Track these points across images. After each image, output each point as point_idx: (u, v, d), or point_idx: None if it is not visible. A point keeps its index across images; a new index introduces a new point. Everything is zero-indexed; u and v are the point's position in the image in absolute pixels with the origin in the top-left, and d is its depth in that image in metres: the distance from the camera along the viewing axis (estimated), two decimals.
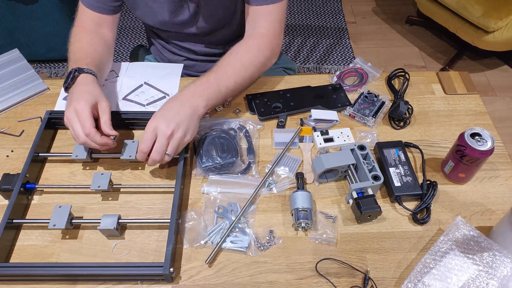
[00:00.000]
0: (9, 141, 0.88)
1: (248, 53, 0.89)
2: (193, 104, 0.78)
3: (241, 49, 0.89)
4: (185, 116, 0.76)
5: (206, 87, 0.82)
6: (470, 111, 0.94)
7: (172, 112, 0.76)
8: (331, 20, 2.57)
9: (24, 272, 0.66)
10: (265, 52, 0.91)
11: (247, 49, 0.90)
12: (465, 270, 0.66)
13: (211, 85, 0.82)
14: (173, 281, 0.68)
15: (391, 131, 0.90)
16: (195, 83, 0.82)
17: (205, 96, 0.80)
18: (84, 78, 0.81)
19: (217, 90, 0.83)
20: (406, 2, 2.69)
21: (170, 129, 0.74)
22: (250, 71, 0.89)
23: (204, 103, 0.80)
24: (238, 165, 0.80)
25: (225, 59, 0.88)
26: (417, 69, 2.29)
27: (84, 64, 0.84)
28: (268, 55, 0.91)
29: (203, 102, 0.79)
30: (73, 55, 0.88)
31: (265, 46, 0.91)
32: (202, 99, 0.80)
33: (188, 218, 0.75)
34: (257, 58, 0.89)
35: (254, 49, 0.90)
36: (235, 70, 0.86)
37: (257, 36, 0.91)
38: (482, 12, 1.93)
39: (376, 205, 0.72)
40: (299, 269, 0.70)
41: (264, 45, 0.90)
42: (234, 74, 0.86)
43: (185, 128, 0.75)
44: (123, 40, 2.41)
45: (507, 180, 0.82)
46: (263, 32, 0.91)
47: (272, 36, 0.91)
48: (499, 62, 2.32)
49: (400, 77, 1.00)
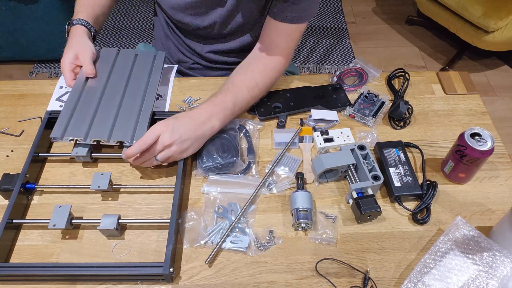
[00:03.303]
0: (9, 141, 0.88)
1: (264, 74, 0.89)
2: (207, 127, 0.80)
3: (257, 68, 0.89)
4: (192, 137, 0.77)
5: (223, 108, 0.82)
6: (470, 111, 0.94)
7: (182, 128, 0.77)
8: (331, 20, 2.57)
9: (24, 272, 0.66)
10: (278, 72, 0.92)
11: (264, 69, 0.89)
12: (465, 270, 0.66)
13: (227, 106, 0.83)
14: (173, 281, 0.68)
15: (391, 131, 0.90)
16: (213, 103, 0.82)
17: (221, 118, 0.82)
18: (72, 30, 0.90)
19: (232, 110, 0.84)
20: (406, 2, 2.69)
21: (171, 140, 0.75)
22: (263, 91, 0.90)
23: (219, 124, 0.81)
24: (239, 165, 0.80)
25: (239, 76, 0.87)
26: (417, 69, 2.29)
27: (78, 13, 0.93)
28: (282, 72, 0.93)
29: (218, 123, 0.81)
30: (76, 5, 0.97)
31: (281, 66, 0.92)
32: (218, 121, 0.81)
33: (188, 218, 0.75)
34: (270, 80, 0.90)
35: (269, 69, 0.90)
36: (249, 90, 0.86)
37: (274, 55, 0.90)
38: (482, 12, 1.93)
39: (376, 205, 0.72)
40: (299, 269, 0.70)
41: (280, 65, 0.91)
42: (248, 95, 0.86)
43: (185, 147, 0.77)
44: (123, 40, 2.41)
45: (507, 180, 0.82)
46: (280, 51, 0.91)
47: (288, 56, 0.92)
48: (499, 62, 2.32)
49: (400, 77, 1.00)
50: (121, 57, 0.94)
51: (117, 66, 0.92)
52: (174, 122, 0.77)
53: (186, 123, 0.78)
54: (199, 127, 0.78)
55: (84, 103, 0.84)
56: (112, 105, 0.84)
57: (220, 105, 0.82)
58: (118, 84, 0.88)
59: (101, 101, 0.85)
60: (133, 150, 0.75)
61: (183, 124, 0.77)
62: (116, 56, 0.94)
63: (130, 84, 0.89)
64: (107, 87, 0.87)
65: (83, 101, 0.84)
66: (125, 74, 0.90)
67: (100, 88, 0.87)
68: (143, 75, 0.91)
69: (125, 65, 0.92)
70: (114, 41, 2.39)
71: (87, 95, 0.85)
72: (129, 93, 0.87)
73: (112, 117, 0.82)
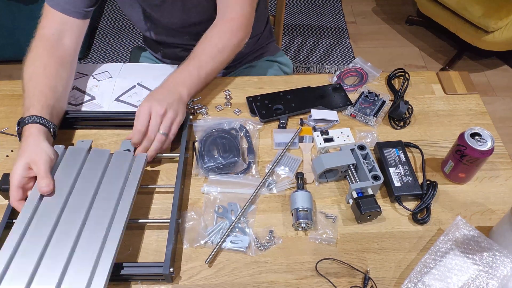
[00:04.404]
0: (9, 141, 0.88)
1: (222, 37, 0.91)
2: (178, 92, 0.83)
3: (214, 34, 0.91)
4: (174, 99, 0.82)
5: (188, 75, 0.86)
6: (470, 111, 0.94)
7: (162, 96, 0.81)
8: (331, 20, 2.57)
9: None
10: (238, 34, 0.93)
11: (220, 33, 0.91)
12: (465, 270, 0.66)
13: (191, 73, 0.86)
14: (173, 281, 0.68)
15: (391, 131, 0.90)
16: (176, 72, 0.87)
17: (187, 85, 0.85)
18: (25, 132, 0.74)
19: (198, 77, 0.87)
20: (406, 2, 2.69)
21: (163, 108, 0.78)
22: (226, 55, 0.91)
23: (187, 91, 0.85)
24: (240, 165, 0.80)
25: (200, 46, 0.90)
26: (417, 69, 2.29)
27: (30, 107, 0.76)
28: (242, 36, 0.94)
29: (186, 90, 0.85)
30: (26, 85, 0.81)
31: (238, 28, 0.92)
32: (185, 88, 0.85)
33: (188, 218, 0.75)
34: (231, 41, 0.92)
35: (227, 33, 0.91)
36: (211, 55, 0.89)
37: (229, 20, 0.92)
38: (482, 12, 1.93)
39: (376, 205, 0.72)
40: (299, 269, 0.70)
41: (237, 27, 0.92)
42: (211, 60, 0.89)
43: (176, 109, 0.81)
44: (123, 40, 2.41)
45: (507, 180, 0.82)
46: (234, 16, 0.92)
47: (243, 18, 0.93)
48: (499, 62, 2.32)
49: (400, 77, 1.00)
50: (90, 161, 0.75)
51: (83, 175, 0.73)
52: (154, 96, 0.81)
53: (161, 92, 0.82)
54: (173, 92, 0.83)
55: (32, 238, 0.64)
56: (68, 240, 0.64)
57: (183, 73, 0.86)
58: (80, 203, 0.69)
59: (54, 233, 0.65)
60: (135, 136, 0.78)
61: (161, 93, 0.82)
62: (85, 158, 0.75)
63: (97, 201, 0.69)
64: (66, 209, 0.68)
65: (31, 235, 0.65)
66: (93, 185, 0.71)
67: (56, 210, 0.67)
68: (115, 186, 0.72)
69: (95, 172, 0.73)
70: (114, 41, 2.39)
71: (36, 226, 0.66)
72: (93, 219, 0.67)
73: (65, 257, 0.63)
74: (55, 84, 0.82)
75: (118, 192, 0.71)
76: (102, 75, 1.00)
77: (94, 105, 0.93)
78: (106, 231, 0.66)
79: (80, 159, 0.75)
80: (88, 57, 2.29)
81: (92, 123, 0.89)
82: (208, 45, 0.90)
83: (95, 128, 0.89)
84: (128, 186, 0.72)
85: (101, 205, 0.69)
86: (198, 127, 0.87)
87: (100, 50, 2.34)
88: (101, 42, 2.38)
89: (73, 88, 0.96)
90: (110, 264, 0.63)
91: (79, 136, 0.88)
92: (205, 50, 0.89)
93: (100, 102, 0.94)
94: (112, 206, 0.69)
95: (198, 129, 0.87)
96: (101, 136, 0.87)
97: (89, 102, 0.94)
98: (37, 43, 0.88)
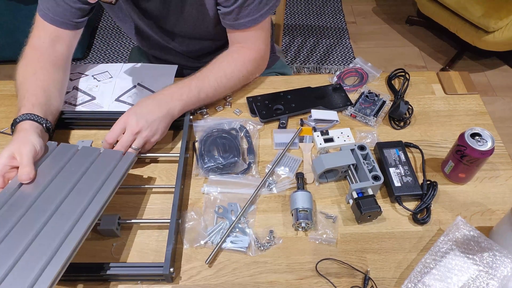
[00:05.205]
0: (9, 141, 0.87)
1: (232, 65, 0.89)
2: (170, 106, 0.81)
3: (225, 59, 0.90)
4: (158, 116, 0.79)
5: (187, 91, 0.84)
6: (470, 111, 0.94)
7: (145, 110, 0.79)
8: (331, 20, 2.57)
9: None
10: (249, 67, 0.91)
11: (231, 60, 0.90)
12: (465, 270, 0.66)
13: (191, 90, 0.84)
14: (173, 281, 0.68)
15: (391, 131, 0.90)
16: (176, 86, 0.84)
17: (183, 100, 0.83)
18: (17, 127, 0.75)
19: (197, 96, 0.85)
20: (406, 2, 2.69)
21: (139, 126, 0.77)
22: (232, 83, 0.90)
23: (180, 107, 0.82)
24: (240, 165, 0.80)
25: (208, 67, 0.88)
26: (417, 69, 2.29)
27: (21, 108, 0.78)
28: (252, 70, 0.93)
29: (179, 106, 0.82)
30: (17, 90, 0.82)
31: (250, 61, 0.91)
32: (179, 103, 0.82)
33: (188, 218, 0.75)
34: (240, 72, 0.90)
35: (238, 62, 0.90)
36: (216, 79, 0.87)
37: (243, 50, 0.91)
38: (482, 12, 1.93)
39: (376, 205, 0.72)
40: (299, 269, 0.70)
41: (250, 59, 0.91)
42: (215, 83, 0.87)
43: (154, 129, 0.79)
44: (123, 40, 2.41)
45: (507, 180, 0.82)
46: (251, 47, 0.91)
47: (258, 52, 0.92)
48: (499, 62, 2.32)
49: (400, 77, 1.00)
50: (77, 157, 0.75)
51: (65, 170, 0.72)
52: (137, 108, 0.79)
53: (148, 104, 0.80)
54: (163, 107, 0.80)
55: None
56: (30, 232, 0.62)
57: (183, 88, 0.84)
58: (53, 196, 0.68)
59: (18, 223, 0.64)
60: (104, 145, 0.77)
61: (146, 107, 0.79)
62: (73, 154, 0.75)
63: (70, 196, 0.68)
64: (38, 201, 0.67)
65: None
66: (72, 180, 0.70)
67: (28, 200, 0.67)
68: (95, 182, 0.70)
69: (78, 168, 0.73)
70: (114, 41, 2.39)
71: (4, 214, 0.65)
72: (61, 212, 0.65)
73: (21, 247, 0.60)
74: (46, 85, 0.82)
75: (95, 189, 0.69)
76: (102, 75, 1.00)
77: (94, 105, 0.93)
78: (71, 226, 0.63)
79: (68, 155, 0.75)
80: (88, 57, 2.29)
81: (92, 123, 0.89)
82: (216, 68, 0.88)
83: (95, 128, 0.89)
84: (106, 184, 0.71)
85: (73, 200, 0.67)
86: (198, 127, 0.87)
87: (100, 50, 2.34)
88: (101, 42, 2.38)
89: (73, 88, 0.96)
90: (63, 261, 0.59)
91: (80, 137, 0.88)
92: (212, 72, 0.87)
93: (100, 102, 0.94)
94: (84, 201, 0.67)
95: (198, 129, 0.87)
96: (101, 136, 0.87)
97: (89, 102, 0.94)
98: (28, 51, 0.88)
